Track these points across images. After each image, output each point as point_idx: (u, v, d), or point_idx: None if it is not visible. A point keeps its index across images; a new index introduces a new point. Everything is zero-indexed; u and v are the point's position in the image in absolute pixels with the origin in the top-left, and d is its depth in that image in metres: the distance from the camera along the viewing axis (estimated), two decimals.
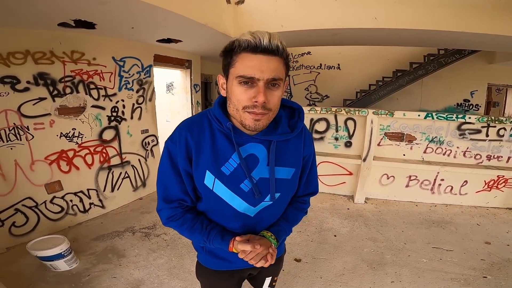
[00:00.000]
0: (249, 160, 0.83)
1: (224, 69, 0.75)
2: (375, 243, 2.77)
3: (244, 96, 0.70)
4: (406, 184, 3.68)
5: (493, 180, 3.47)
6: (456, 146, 3.41)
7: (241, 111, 0.72)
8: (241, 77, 0.68)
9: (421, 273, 2.31)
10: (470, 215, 3.39)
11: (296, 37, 3.76)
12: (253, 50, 0.67)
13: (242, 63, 0.68)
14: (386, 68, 5.81)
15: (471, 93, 5.71)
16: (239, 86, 0.70)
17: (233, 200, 0.85)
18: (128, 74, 3.56)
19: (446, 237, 2.89)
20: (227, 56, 0.73)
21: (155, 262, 2.45)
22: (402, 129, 3.45)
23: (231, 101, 0.74)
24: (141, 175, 3.93)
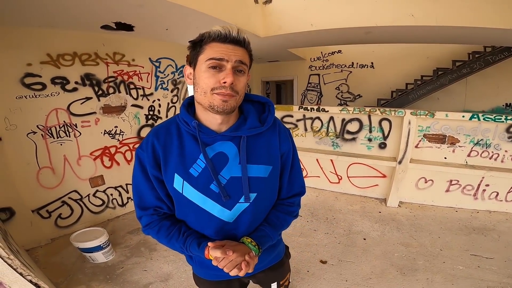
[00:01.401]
0: (218, 158, 0.81)
1: (192, 58, 0.77)
2: (407, 248, 2.63)
3: (213, 80, 0.72)
4: (446, 189, 3.43)
5: None
6: (505, 149, 3.10)
7: (209, 93, 0.73)
8: (210, 60, 0.71)
9: (455, 280, 2.19)
10: None
11: (326, 36, 3.68)
12: (223, 40, 0.71)
13: (212, 49, 0.72)
14: (426, 67, 5.45)
15: None
16: (207, 71, 0.72)
17: (205, 203, 0.82)
18: (164, 75, 3.73)
19: (487, 245, 2.69)
20: (195, 46, 0.76)
21: (183, 257, 2.49)
22: (443, 130, 3.22)
23: (199, 86, 0.75)
24: None
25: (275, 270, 1.06)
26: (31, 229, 2.66)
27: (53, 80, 2.68)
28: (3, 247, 1.03)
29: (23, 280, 1.02)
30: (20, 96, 2.50)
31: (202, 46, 0.73)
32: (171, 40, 3.60)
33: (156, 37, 3.37)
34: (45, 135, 2.69)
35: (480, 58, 4.71)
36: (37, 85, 2.59)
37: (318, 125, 3.85)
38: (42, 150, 2.69)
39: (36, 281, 1.05)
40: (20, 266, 1.03)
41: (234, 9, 2.96)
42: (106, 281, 2.25)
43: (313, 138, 3.93)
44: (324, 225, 2.99)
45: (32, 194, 2.67)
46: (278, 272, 1.09)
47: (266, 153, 0.86)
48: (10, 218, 2.50)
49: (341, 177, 3.87)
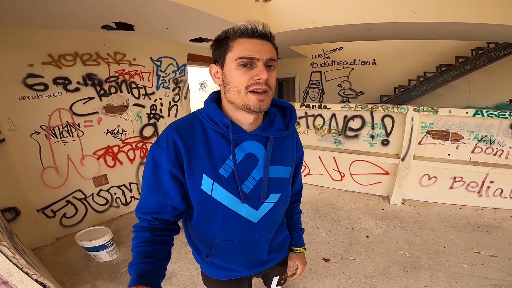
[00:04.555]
0: (248, 159, 0.79)
1: (219, 56, 0.74)
2: (411, 245, 2.62)
3: (246, 77, 0.70)
4: (450, 186, 3.41)
5: None
6: (509, 146, 3.07)
7: (243, 92, 0.71)
8: (241, 58, 0.69)
9: (459, 278, 2.18)
10: None
11: (327, 33, 3.66)
12: (250, 35, 0.69)
13: (240, 46, 0.69)
14: (428, 63, 5.40)
15: None
16: (238, 69, 0.70)
17: (234, 204, 0.80)
18: (165, 74, 3.73)
19: (492, 242, 2.67)
20: (221, 44, 0.73)
21: (186, 255, 2.54)
22: (447, 127, 3.19)
23: (231, 85, 0.72)
24: None
25: (281, 265, 1.10)
26: (37, 228, 2.67)
27: (55, 81, 2.69)
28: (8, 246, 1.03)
29: (29, 279, 1.03)
30: (23, 97, 2.51)
31: (229, 44, 0.71)
32: (172, 39, 3.60)
33: (157, 36, 3.36)
34: (48, 135, 2.70)
35: (484, 54, 4.66)
36: (40, 86, 2.59)
37: (320, 122, 3.84)
38: (46, 150, 2.70)
39: (41, 280, 1.05)
40: (25, 266, 1.04)
41: (234, 7, 2.95)
42: (110, 280, 2.27)
43: (315, 136, 3.92)
44: (326, 223, 3.00)
45: (37, 194, 2.68)
46: (283, 267, 1.11)
47: (288, 155, 0.88)
48: (15, 218, 2.52)
49: (343, 174, 3.85)
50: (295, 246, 1.10)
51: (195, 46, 4.11)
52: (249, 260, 0.93)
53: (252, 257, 0.93)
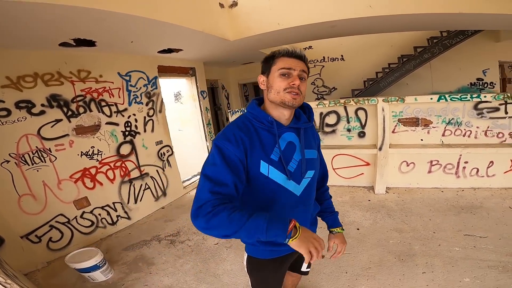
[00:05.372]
0: (290, 146, 1.05)
1: (265, 69, 1.01)
2: (401, 233, 2.67)
3: (284, 83, 0.96)
4: (428, 170, 3.57)
5: None
6: (476, 126, 3.27)
7: (282, 92, 0.96)
8: (282, 69, 0.96)
9: (455, 262, 2.20)
10: (501, 198, 3.20)
11: (294, 33, 3.73)
12: (289, 55, 0.97)
13: (282, 61, 0.96)
14: (391, 55, 5.69)
15: (483, 71, 5.50)
16: (279, 78, 0.96)
17: (285, 181, 1.02)
18: (136, 88, 3.62)
19: (478, 223, 2.73)
20: (268, 60, 1.00)
21: (182, 268, 2.50)
22: (416, 114, 3.35)
23: (273, 88, 0.98)
24: (161, 185, 4.01)
25: None
26: (24, 254, 2.58)
27: (17, 105, 2.52)
28: None
29: None
30: None
31: (274, 60, 0.98)
32: (139, 52, 3.51)
33: (122, 50, 3.26)
34: (19, 163, 2.55)
35: (438, 43, 4.98)
36: (1, 111, 2.42)
37: None
38: (19, 178, 2.56)
39: None
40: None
41: (200, 16, 2.93)
42: None
43: None
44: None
45: (18, 221, 2.57)
46: None
47: (312, 141, 1.15)
48: (0, 246, 2.41)
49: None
50: (332, 227, 1.31)
51: (165, 58, 4.03)
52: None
53: None
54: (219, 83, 6.32)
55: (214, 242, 2.86)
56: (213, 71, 6.01)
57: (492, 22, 3.47)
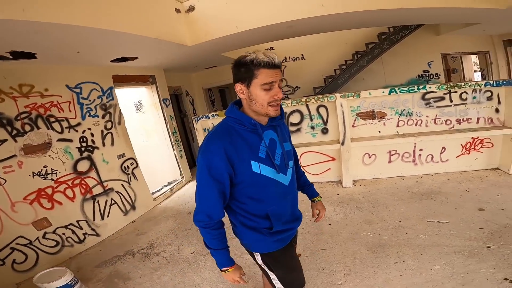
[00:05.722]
0: (272, 142, 1.14)
1: (244, 78, 1.01)
2: (371, 225, 2.75)
3: (267, 96, 1.01)
4: (389, 160, 3.79)
5: (469, 143, 3.59)
6: (426, 115, 3.54)
7: (266, 106, 1.02)
8: (265, 84, 0.99)
9: (423, 249, 2.27)
10: (457, 182, 3.42)
11: (253, 35, 3.76)
12: (269, 67, 0.98)
13: (264, 74, 0.98)
14: (347, 52, 5.97)
15: (428, 64, 6.00)
16: (263, 91, 1.00)
17: (276, 175, 1.12)
18: (89, 101, 3.40)
19: (439, 209, 2.87)
20: (247, 69, 0.99)
21: (159, 280, 2.43)
22: (371, 107, 3.55)
23: (257, 101, 1.02)
24: (128, 199, 3.84)
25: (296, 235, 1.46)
26: None
27: None
28: None
29: None
30: None
31: (254, 72, 0.98)
32: (90, 62, 3.30)
33: (69, 61, 3.04)
34: None
35: (386, 38, 5.33)
36: None
37: None
38: None
39: None
40: None
41: (153, 22, 2.83)
42: None
43: None
44: None
45: None
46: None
47: (286, 135, 1.27)
48: None
49: None
50: (313, 197, 1.49)
51: (120, 66, 3.83)
52: (293, 215, 1.27)
53: (294, 213, 1.28)
54: (182, 89, 6.17)
55: (190, 252, 2.80)
56: (176, 77, 5.85)
57: (431, 16, 3.78)
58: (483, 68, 6.39)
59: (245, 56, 0.99)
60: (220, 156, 0.99)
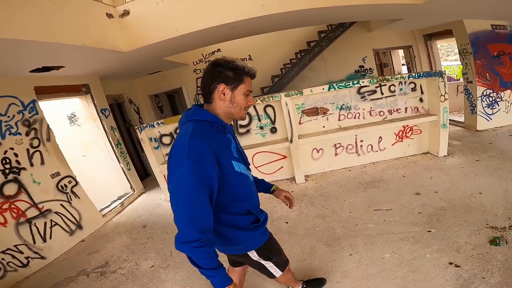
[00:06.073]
0: (234, 142, 1.22)
1: (233, 82, 1.07)
2: (324, 219, 2.82)
3: (245, 101, 1.12)
4: (335, 153, 4.00)
5: (401, 131, 3.97)
6: (362, 108, 3.83)
7: (242, 110, 1.13)
8: (248, 91, 1.11)
9: (373, 239, 2.36)
10: (395, 168, 3.73)
11: (196, 38, 3.66)
12: (253, 77, 1.11)
13: (248, 83, 1.10)
14: (292, 50, 6.19)
15: (363, 59, 6.52)
16: (243, 96, 1.10)
17: (247, 171, 1.22)
18: (7, 117, 2.98)
19: (382, 196, 3.05)
20: (237, 73, 1.06)
21: None
22: (314, 103, 3.72)
23: (238, 104, 1.10)
24: (72, 219, 3.52)
25: None
26: None
27: None
28: None
29: None
30: None
31: (243, 78, 1.07)
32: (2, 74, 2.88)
33: None
34: None
35: (325, 36, 5.65)
36: None
37: None
38: None
39: None
40: None
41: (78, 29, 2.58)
42: None
43: None
44: None
45: None
46: None
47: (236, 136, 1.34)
48: None
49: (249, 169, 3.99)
50: (269, 188, 1.56)
51: (44, 77, 3.41)
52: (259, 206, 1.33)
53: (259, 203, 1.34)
54: (125, 97, 5.75)
55: (149, 266, 2.65)
56: (116, 85, 5.44)
57: (359, 13, 4.08)
58: (408, 61, 7.14)
59: (233, 61, 1.06)
60: (210, 158, 0.96)
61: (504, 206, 2.50)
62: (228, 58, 1.06)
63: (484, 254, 1.97)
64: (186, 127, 1.04)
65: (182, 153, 0.94)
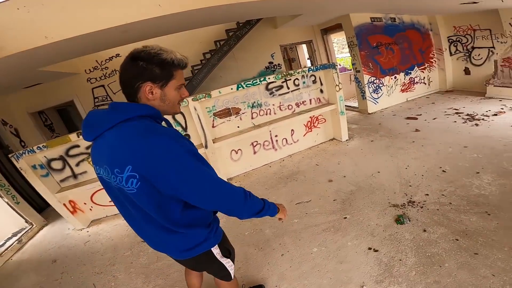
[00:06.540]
0: None
1: (160, 79, 0.94)
2: (252, 222, 2.75)
3: (178, 95, 1.03)
4: (254, 151, 4.00)
5: (309, 122, 4.26)
6: (272, 104, 3.93)
7: (176, 105, 1.04)
8: (181, 85, 1.02)
9: (299, 235, 2.39)
10: (309, 158, 3.95)
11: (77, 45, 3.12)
12: (184, 67, 1.00)
13: (180, 76, 1.00)
14: (201, 51, 5.97)
15: (271, 55, 6.80)
16: (175, 90, 1.00)
17: None
18: None
19: (301, 188, 3.13)
20: (164, 68, 0.93)
21: None
22: (226, 104, 3.62)
23: (169, 100, 1.00)
24: None
25: None
26: None
27: None
28: None
29: None
30: None
31: (173, 73, 0.96)
32: None
33: None
34: None
35: (232, 35, 5.63)
36: None
37: None
38: None
39: None
40: None
41: None
42: None
43: None
44: None
45: None
46: None
47: None
48: None
49: None
50: None
51: None
52: None
53: None
54: None
55: None
56: None
57: (262, 9, 4.11)
58: (310, 55, 7.81)
59: (158, 53, 0.90)
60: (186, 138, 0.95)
61: (399, 182, 2.87)
62: (152, 48, 0.90)
63: (395, 235, 2.14)
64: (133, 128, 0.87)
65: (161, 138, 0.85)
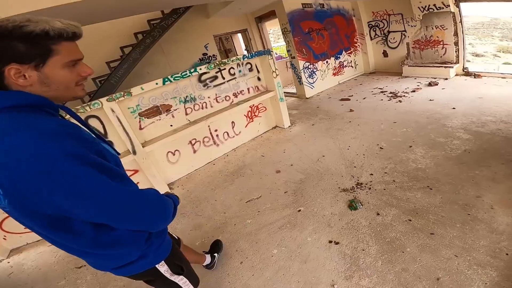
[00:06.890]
0: None
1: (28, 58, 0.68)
2: (201, 229, 2.47)
3: (73, 75, 0.76)
4: (193, 150, 3.64)
5: (249, 112, 4.07)
6: (207, 96, 3.59)
7: (73, 88, 0.78)
8: (74, 61, 0.75)
9: (255, 237, 2.20)
10: (254, 149, 3.77)
11: None
12: (73, 38, 0.73)
13: (69, 50, 0.73)
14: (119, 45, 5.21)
15: (205, 46, 6.39)
16: (64, 69, 0.73)
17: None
18: None
19: (249, 184, 2.93)
20: (35, 43, 0.67)
21: None
22: (153, 102, 3.15)
23: (58, 83, 0.74)
24: None
25: None
26: None
27: None
28: None
29: None
30: None
31: (51, 48, 0.70)
32: None
33: None
34: None
35: (157, 25, 5.01)
36: None
37: None
38: None
39: None
40: None
41: None
42: None
43: None
44: None
45: None
46: None
47: None
48: None
49: None
50: None
51: None
52: None
53: None
54: None
55: None
56: None
57: None
58: (246, 44, 7.61)
59: (23, 24, 0.64)
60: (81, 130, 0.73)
61: (344, 164, 2.84)
62: (13, 21, 0.63)
63: (351, 222, 2.06)
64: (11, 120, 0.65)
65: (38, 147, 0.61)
